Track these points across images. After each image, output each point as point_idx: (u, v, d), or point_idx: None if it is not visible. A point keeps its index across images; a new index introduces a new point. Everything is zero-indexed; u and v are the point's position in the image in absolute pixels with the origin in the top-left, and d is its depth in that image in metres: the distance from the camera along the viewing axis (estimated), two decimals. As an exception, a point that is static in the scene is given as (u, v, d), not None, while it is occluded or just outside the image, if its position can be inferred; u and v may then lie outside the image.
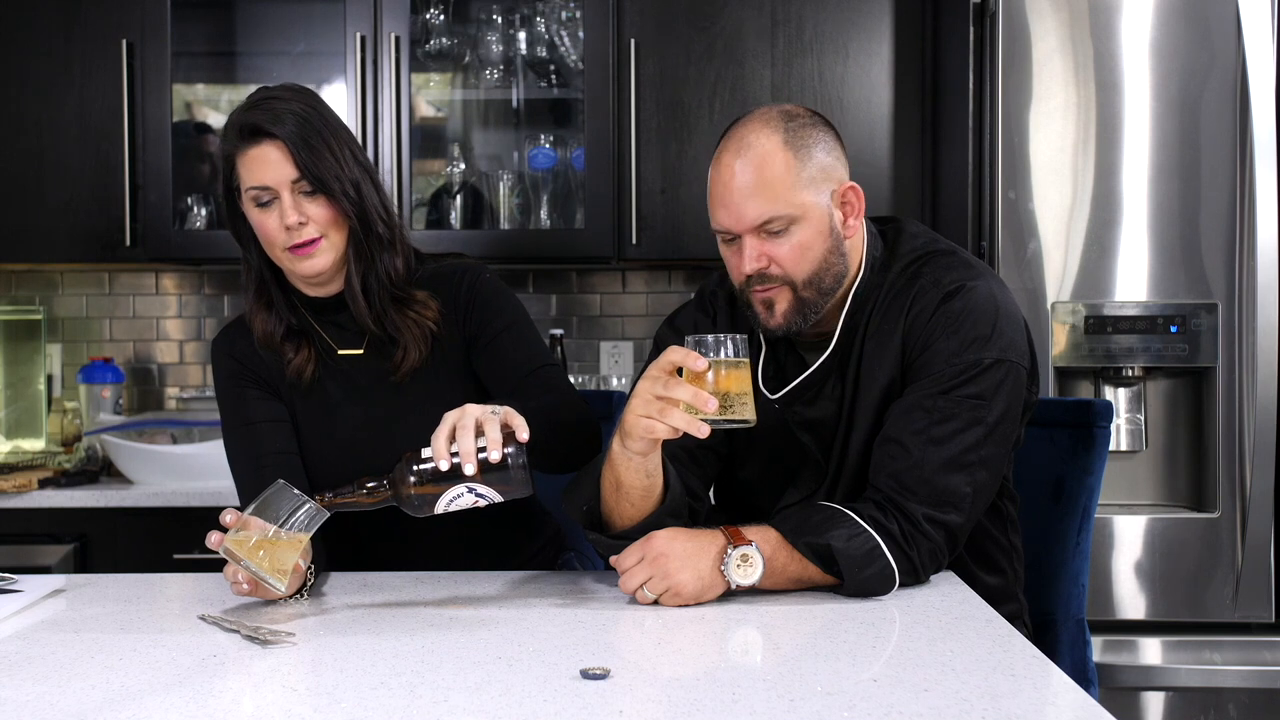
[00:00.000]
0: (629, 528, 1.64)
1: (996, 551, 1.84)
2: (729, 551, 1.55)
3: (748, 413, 1.53)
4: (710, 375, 1.51)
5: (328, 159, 1.76)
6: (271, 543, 1.49)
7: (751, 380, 1.55)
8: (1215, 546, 2.59)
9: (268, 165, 1.75)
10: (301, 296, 1.88)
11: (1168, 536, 2.59)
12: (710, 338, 1.52)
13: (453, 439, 1.51)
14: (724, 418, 1.51)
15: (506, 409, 1.54)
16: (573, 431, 1.78)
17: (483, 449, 1.50)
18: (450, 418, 1.52)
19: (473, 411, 1.52)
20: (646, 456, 1.59)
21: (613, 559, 1.60)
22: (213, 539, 1.52)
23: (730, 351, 1.53)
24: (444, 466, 1.51)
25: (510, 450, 1.51)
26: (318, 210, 1.77)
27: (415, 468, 1.52)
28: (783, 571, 1.58)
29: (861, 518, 1.60)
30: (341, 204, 1.77)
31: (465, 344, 1.87)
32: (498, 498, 1.54)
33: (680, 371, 1.52)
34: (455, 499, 1.53)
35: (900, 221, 1.86)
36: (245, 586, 1.57)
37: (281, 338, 1.87)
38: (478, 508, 1.56)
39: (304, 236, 1.76)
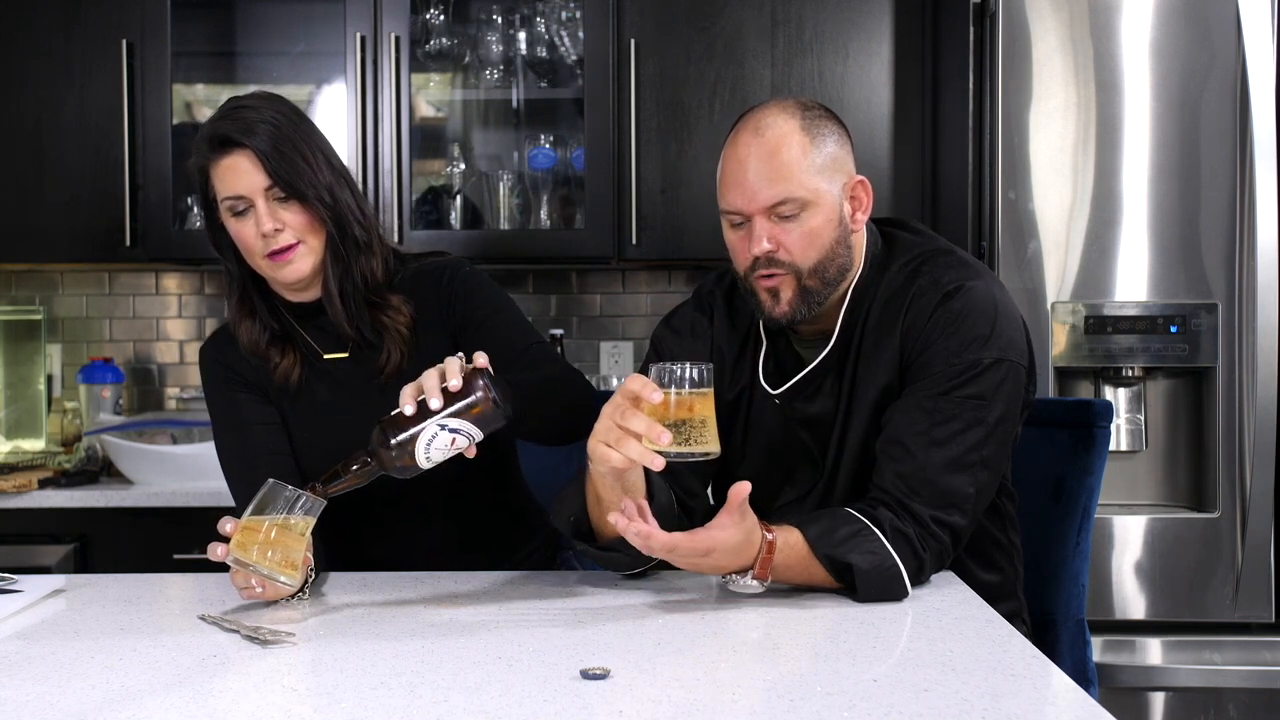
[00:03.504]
0: (614, 540, 1.63)
1: (994, 549, 1.85)
2: (745, 574, 1.55)
3: (709, 444, 1.49)
4: (673, 404, 1.47)
5: (300, 165, 1.76)
6: (276, 540, 1.50)
7: (715, 409, 1.51)
8: (1215, 546, 2.59)
9: (239, 174, 1.75)
10: (284, 303, 1.88)
11: (1168, 536, 2.59)
12: (675, 366, 1.48)
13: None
14: (682, 450, 1.47)
15: (463, 352, 1.56)
16: (567, 399, 1.79)
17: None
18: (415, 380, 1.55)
19: (433, 366, 1.55)
20: (618, 476, 1.57)
21: (683, 540, 1.51)
22: (218, 551, 1.51)
23: (693, 382, 1.48)
24: (410, 410, 1.52)
25: (477, 381, 1.52)
26: (293, 216, 1.77)
27: (387, 422, 1.53)
28: (793, 580, 1.59)
29: (884, 533, 1.60)
30: (316, 209, 1.77)
31: (452, 337, 1.88)
32: (475, 430, 1.54)
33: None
34: (432, 440, 1.53)
35: (900, 221, 1.87)
36: (258, 589, 1.56)
37: (266, 344, 1.87)
38: (461, 451, 1.55)
39: (281, 243, 1.77)
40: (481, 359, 1.54)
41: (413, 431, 1.52)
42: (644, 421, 1.46)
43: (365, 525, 1.91)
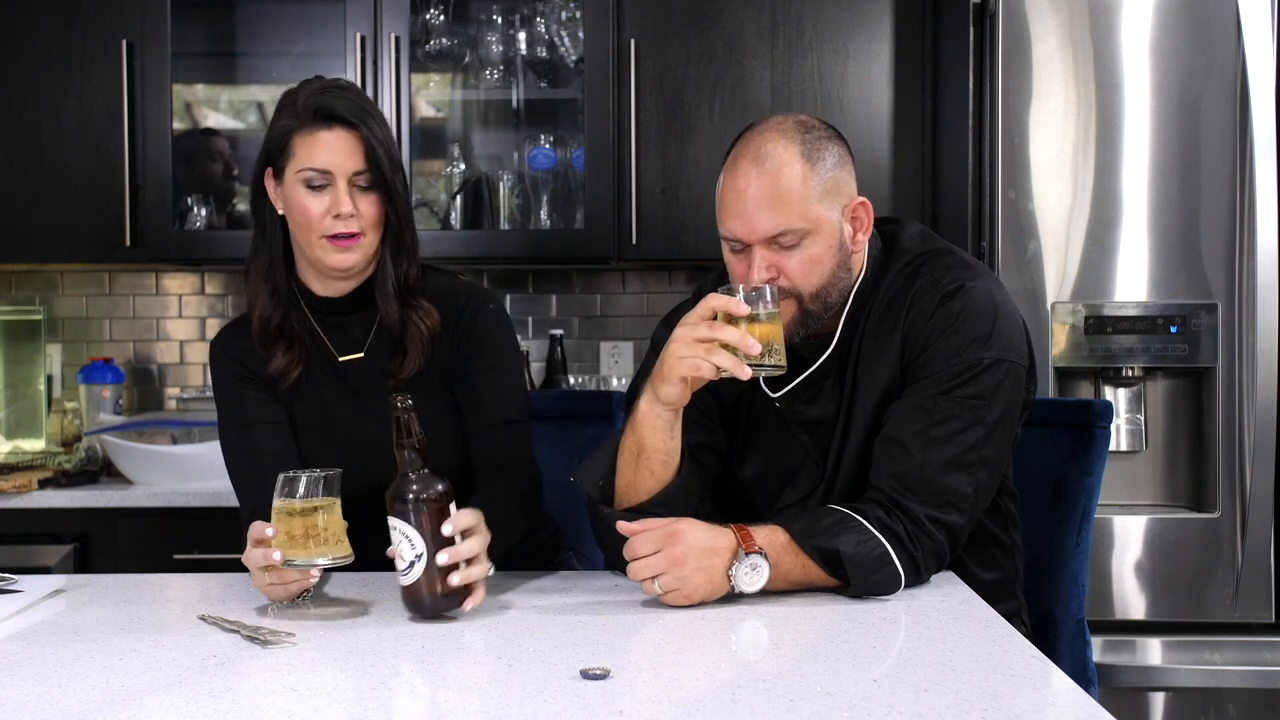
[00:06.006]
0: (644, 502, 1.65)
1: (995, 548, 1.85)
2: (740, 557, 1.55)
3: (781, 359, 1.59)
4: (751, 321, 1.57)
5: (389, 162, 1.79)
6: (315, 524, 1.51)
7: (783, 329, 1.61)
8: (1215, 546, 2.58)
9: (336, 151, 1.76)
10: (308, 296, 1.88)
11: (1168, 536, 2.59)
12: (742, 287, 1.59)
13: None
14: (767, 362, 1.57)
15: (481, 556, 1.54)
16: (521, 517, 1.81)
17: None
18: (470, 522, 1.53)
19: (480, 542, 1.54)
20: (676, 413, 1.63)
21: (626, 547, 1.57)
22: (276, 556, 1.50)
23: (768, 300, 1.59)
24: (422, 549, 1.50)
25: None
26: (367, 207, 1.79)
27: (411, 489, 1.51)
28: (786, 575, 1.59)
29: (868, 521, 1.60)
30: (397, 204, 1.81)
31: (452, 366, 1.88)
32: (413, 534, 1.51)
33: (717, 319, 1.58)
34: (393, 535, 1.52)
35: (899, 221, 1.86)
36: (315, 575, 1.57)
37: (275, 330, 1.86)
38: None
39: (350, 228, 1.78)
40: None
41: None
42: (735, 332, 1.56)
43: (366, 527, 1.91)
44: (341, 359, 1.88)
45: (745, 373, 1.55)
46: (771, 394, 1.80)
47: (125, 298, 3.47)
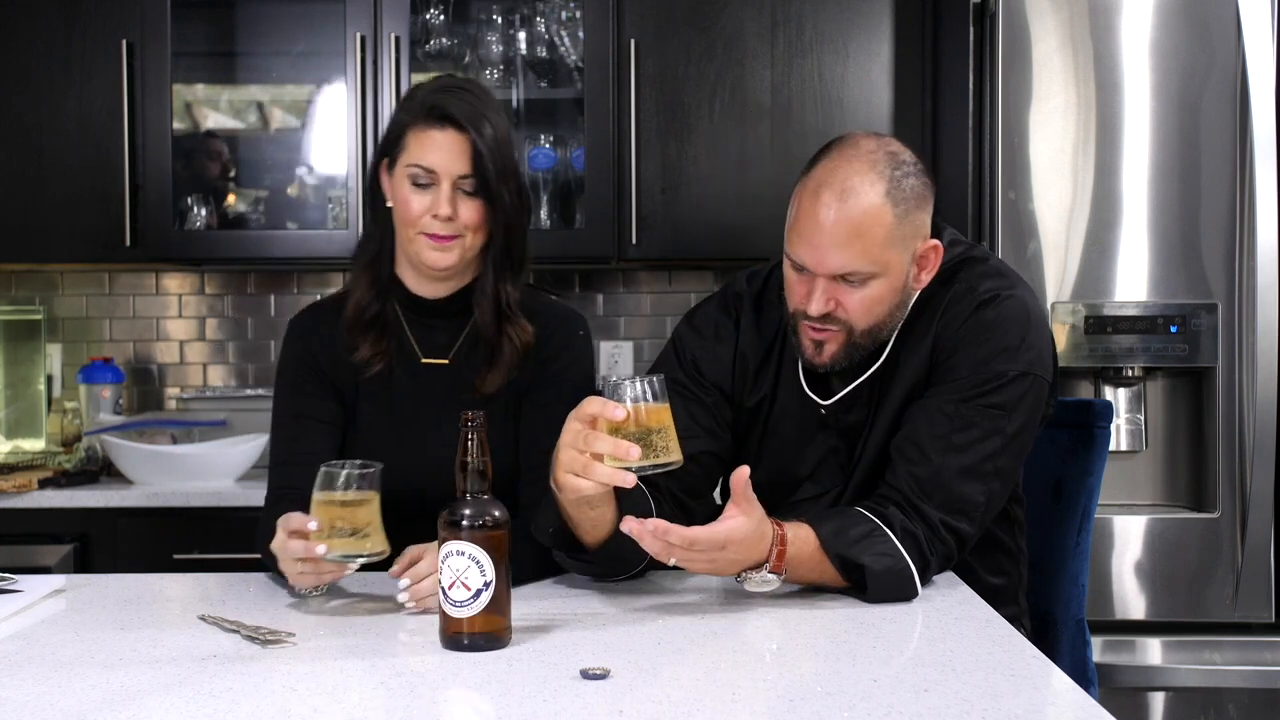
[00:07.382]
0: (593, 553, 1.64)
1: (1001, 554, 1.85)
2: (761, 568, 1.54)
3: (673, 454, 1.47)
4: (634, 419, 1.45)
5: (499, 170, 1.77)
6: (355, 517, 1.50)
7: (673, 419, 1.49)
8: (1215, 546, 2.58)
9: (445, 153, 1.76)
10: (404, 292, 1.87)
11: (1168, 536, 2.59)
12: (626, 382, 1.46)
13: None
14: (650, 463, 1.45)
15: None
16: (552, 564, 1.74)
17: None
18: None
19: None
20: (588, 500, 1.54)
21: (682, 536, 1.48)
22: (320, 550, 1.49)
23: (649, 395, 1.46)
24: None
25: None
26: (468, 212, 1.78)
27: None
28: (803, 577, 1.59)
29: (894, 532, 1.60)
30: (500, 213, 1.78)
31: (527, 387, 1.86)
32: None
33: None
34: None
35: (936, 225, 1.86)
36: (351, 568, 1.57)
37: (369, 321, 1.85)
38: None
39: (447, 231, 1.77)
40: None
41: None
42: (609, 441, 1.44)
43: (411, 531, 1.91)
44: (424, 360, 1.88)
45: (628, 481, 1.45)
46: (821, 402, 1.79)
47: (125, 298, 3.47)
